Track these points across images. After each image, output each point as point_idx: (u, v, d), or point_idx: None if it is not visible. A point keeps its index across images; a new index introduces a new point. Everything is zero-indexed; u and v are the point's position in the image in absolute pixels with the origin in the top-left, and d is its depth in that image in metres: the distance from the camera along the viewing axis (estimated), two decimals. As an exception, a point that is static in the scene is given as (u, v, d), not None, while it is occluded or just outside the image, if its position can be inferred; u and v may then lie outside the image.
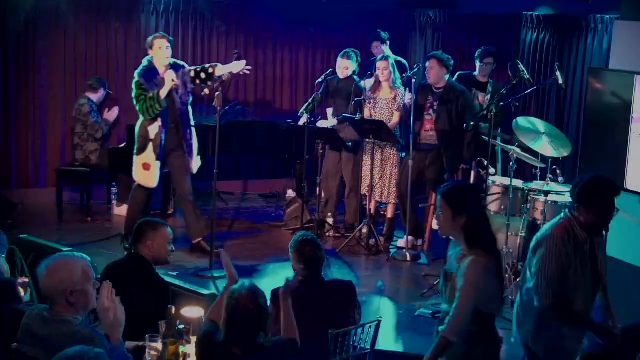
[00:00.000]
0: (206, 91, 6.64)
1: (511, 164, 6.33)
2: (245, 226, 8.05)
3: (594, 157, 5.59)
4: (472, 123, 6.22)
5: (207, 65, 6.91)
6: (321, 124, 7.69)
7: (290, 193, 8.75)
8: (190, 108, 6.86)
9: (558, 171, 6.56)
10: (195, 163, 6.99)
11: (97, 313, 3.41)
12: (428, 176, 7.19)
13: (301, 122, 7.44)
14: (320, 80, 7.53)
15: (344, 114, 7.41)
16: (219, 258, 4.15)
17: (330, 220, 7.74)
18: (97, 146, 7.98)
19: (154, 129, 6.67)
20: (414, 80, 7.04)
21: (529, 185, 6.44)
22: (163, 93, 6.56)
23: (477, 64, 7.75)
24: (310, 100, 6.70)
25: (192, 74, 6.82)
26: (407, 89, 7.37)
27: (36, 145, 8.47)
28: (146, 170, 6.77)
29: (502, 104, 6.53)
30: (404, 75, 7.32)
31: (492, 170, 6.69)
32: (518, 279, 6.32)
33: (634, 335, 3.86)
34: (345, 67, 7.57)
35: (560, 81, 6.94)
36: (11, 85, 8.28)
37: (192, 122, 6.90)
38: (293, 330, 3.67)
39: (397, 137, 7.25)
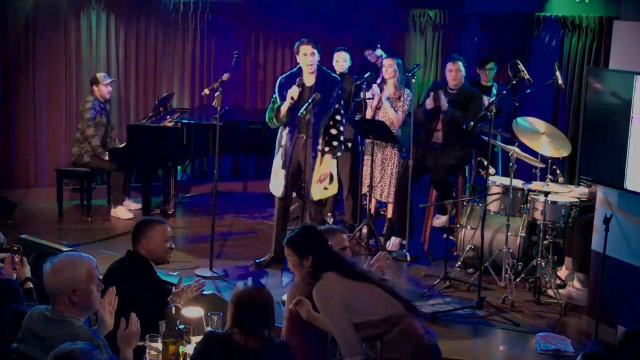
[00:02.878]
0: (206, 91, 6.62)
1: (511, 164, 6.34)
2: (245, 226, 8.06)
3: (594, 157, 5.58)
4: (471, 123, 6.22)
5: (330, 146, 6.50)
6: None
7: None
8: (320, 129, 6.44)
9: (558, 171, 6.57)
10: (315, 189, 6.47)
11: (97, 315, 3.43)
12: (434, 175, 7.19)
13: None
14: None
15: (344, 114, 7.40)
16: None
17: (330, 220, 7.74)
18: (88, 148, 7.97)
19: (285, 135, 6.53)
20: (413, 81, 7.06)
21: (529, 185, 6.44)
22: (283, 108, 6.38)
23: (479, 71, 7.76)
24: (310, 100, 6.68)
25: (331, 123, 6.48)
26: (407, 89, 7.38)
27: (36, 145, 8.47)
28: (274, 177, 6.64)
29: (502, 104, 6.54)
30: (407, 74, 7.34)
31: (492, 170, 6.69)
32: (518, 279, 6.34)
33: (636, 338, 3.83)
34: (343, 59, 7.63)
35: (560, 81, 6.95)
36: (11, 86, 8.28)
37: (319, 145, 6.44)
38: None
39: (398, 137, 7.25)
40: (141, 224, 4.29)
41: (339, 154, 6.63)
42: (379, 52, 8.36)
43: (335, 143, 6.52)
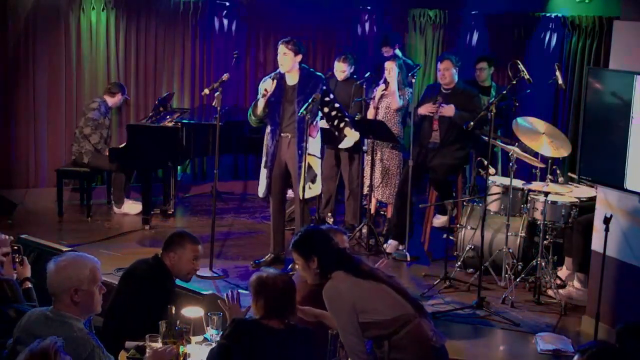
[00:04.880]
0: (206, 91, 6.62)
1: (511, 164, 6.34)
2: (245, 226, 8.06)
3: (594, 157, 5.58)
4: (471, 123, 6.22)
5: (340, 121, 6.59)
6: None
7: (290, 193, 8.74)
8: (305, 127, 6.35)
9: (558, 171, 6.57)
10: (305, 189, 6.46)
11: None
12: (433, 175, 7.19)
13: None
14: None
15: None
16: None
17: (330, 220, 7.74)
18: (91, 148, 7.98)
19: (268, 136, 6.61)
20: (413, 81, 7.06)
21: (529, 185, 6.44)
22: (260, 103, 6.43)
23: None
24: (310, 100, 6.70)
25: (325, 110, 6.58)
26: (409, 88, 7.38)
27: (36, 145, 8.46)
28: (261, 177, 6.73)
29: (502, 104, 6.53)
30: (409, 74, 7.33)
31: (492, 170, 6.69)
32: (518, 279, 6.34)
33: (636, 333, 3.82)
34: (342, 70, 7.60)
35: (560, 81, 6.95)
36: (11, 85, 8.27)
37: (304, 142, 6.35)
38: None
39: (398, 137, 7.24)
40: (176, 237, 4.27)
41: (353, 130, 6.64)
42: (398, 52, 8.33)
43: (347, 119, 6.60)
